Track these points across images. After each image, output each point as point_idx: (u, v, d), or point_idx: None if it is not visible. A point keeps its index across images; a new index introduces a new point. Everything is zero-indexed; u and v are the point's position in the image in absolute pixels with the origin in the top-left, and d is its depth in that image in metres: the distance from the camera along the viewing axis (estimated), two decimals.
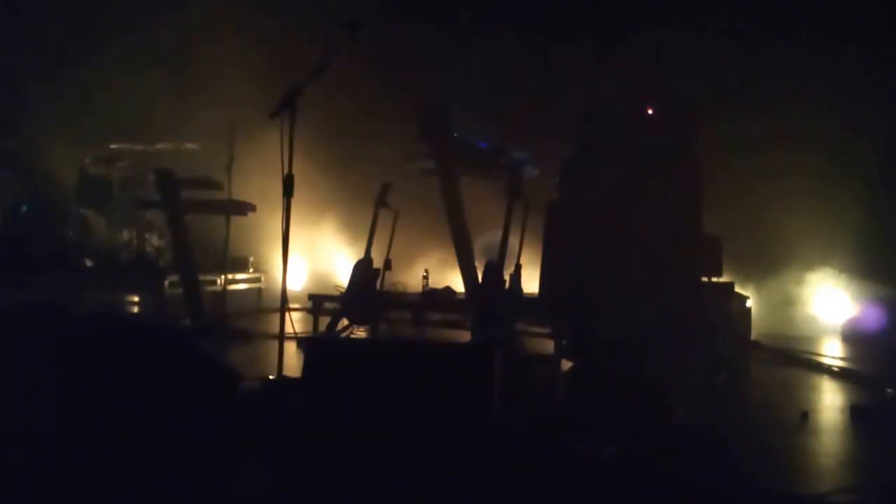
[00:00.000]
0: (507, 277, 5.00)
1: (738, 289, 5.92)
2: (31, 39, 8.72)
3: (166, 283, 6.90)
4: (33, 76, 8.64)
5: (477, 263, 6.66)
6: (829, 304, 7.38)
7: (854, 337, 6.95)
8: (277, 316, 3.78)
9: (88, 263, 7.67)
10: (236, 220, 7.03)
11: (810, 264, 7.48)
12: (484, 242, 7.02)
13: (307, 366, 2.88)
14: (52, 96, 8.49)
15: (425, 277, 7.09)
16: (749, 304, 6.31)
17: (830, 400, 4.47)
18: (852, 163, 7.21)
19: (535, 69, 7.92)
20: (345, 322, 5.70)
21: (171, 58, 8.51)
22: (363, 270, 5.67)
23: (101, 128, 8.60)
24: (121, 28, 8.68)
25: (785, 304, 7.47)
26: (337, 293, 6.27)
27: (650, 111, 5.12)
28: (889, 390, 4.32)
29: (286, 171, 3.62)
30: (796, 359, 5.70)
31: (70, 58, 8.72)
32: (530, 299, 5.60)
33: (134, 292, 7.90)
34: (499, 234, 5.10)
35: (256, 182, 6.74)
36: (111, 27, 8.71)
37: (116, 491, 2.54)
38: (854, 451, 3.27)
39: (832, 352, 6.16)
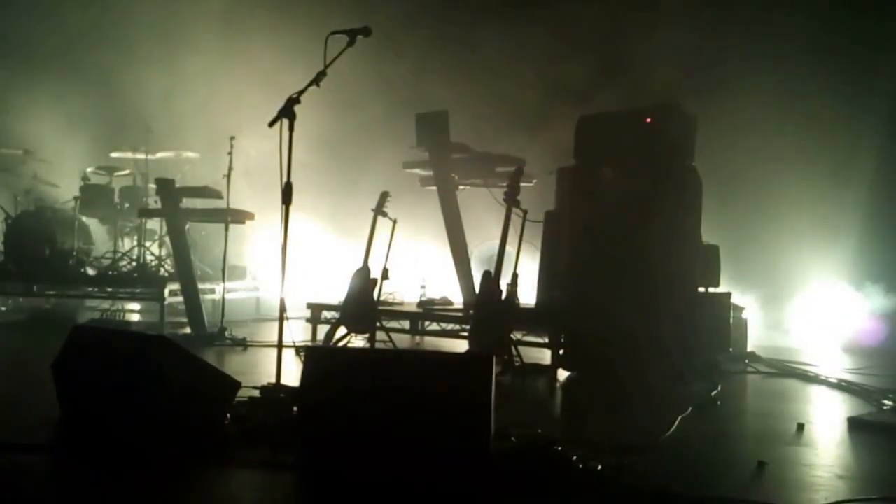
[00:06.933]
0: (504, 287, 5.01)
1: (735, 299, 5.94)
2: (35, 47, 8.78)
3: (167, 291, 6.93)
4: (37, 84, 8.70)
5: (474, 272, 6.69)
6: (828, 316, 7.38)
7: (853, 348, 6.96)
8: (275, 324, 3.79)
9: (90, 272, 7.69)
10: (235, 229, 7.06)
11: (810, 275, 7.49)
12: (481, 251, 7.05)
13: (305, 374, 2.88)
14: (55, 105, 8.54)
15: (423, 287, 7.10)
16: (745, 314, 6.33)
17: (828, 412, 4.46)
18: (853, 173, 7.24)
19: (535, 75, 7.96)
20: (342, 331, 5.70)
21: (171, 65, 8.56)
22: (361, 279, 5.68)
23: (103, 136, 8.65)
24: (123, 36, 8.73)
25: (783, 315, 7.48)
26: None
27: (648, 120, 5.13)
28: (887, 402, 4.32)
29: (285, 180, 3.64)
30: (793, 370, 5.69)
31: (73, 66, 8.78)
32: (528, 309, 5.61)
33: (135, 300, 7.92)
34: (496, 243, 5.11)
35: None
36: (113, 35, 8.76)
37: (117, 497, 2.55)
38: (851, 463, 3.27)
39: (830, 363, 6.15)
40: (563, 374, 5.22)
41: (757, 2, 7.52)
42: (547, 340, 5.47)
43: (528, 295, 5.50)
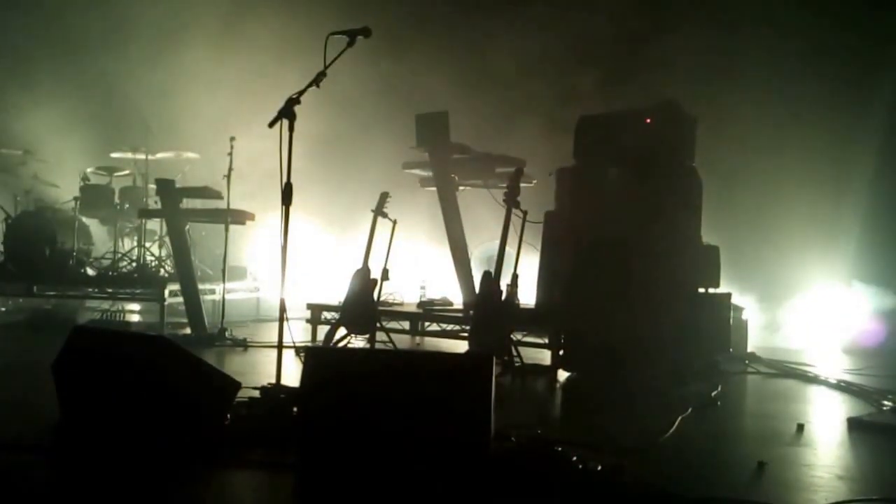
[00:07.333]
0: (504, 287, 5.01)
1: (735, 299, 5.94)
2: (35, 47, 8.79)
3: (167, 291, 6.93)
4: (37, 85, 8.71)
5: (474, 273, 6.69)
6: (827, 316, 7.38)
7: (853, 349, 6.96)
8: (276, 325, 3.80)
9: (90, 272, 7.69)
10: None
11: (810, 275, 7.49)
12: (481, 252, 7.05)
13: (305, 375, 2.88)
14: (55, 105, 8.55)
15: (423, 287, 7.10)
16: (745, 315, 6.33)
17: (827, 412, 4.46)
18: (852, 173, 7.25)
19: (535, 75, 7.97)
20: (342, 331, 5.71)
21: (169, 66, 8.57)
22: (361, 280, 5.68)
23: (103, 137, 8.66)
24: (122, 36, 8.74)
25: (783, 315, 7.48)
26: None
27: (648, 121, 5.14)
28: (887, 403, 4.32)
29: (285, 180, 3.64)
30: (793, 370, 5.69)
31: (72, 67, 8.79)
32: (528, 309, 5.60)
33: (135, 301, 7.93)
34: (496, 244, 5.11)
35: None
36: (113, 35, 8.77)
37: (117, 497, 2.55)
38: (850, 463, 3.27)
39: (830, 364, 6.15)
40: (563, 375, 5.22)
41: (757, 1, 7.52)
42: (547, 341, 5.48)
43: (527, 295, 5.50)
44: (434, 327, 6.51)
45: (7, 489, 2.55)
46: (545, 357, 5.41)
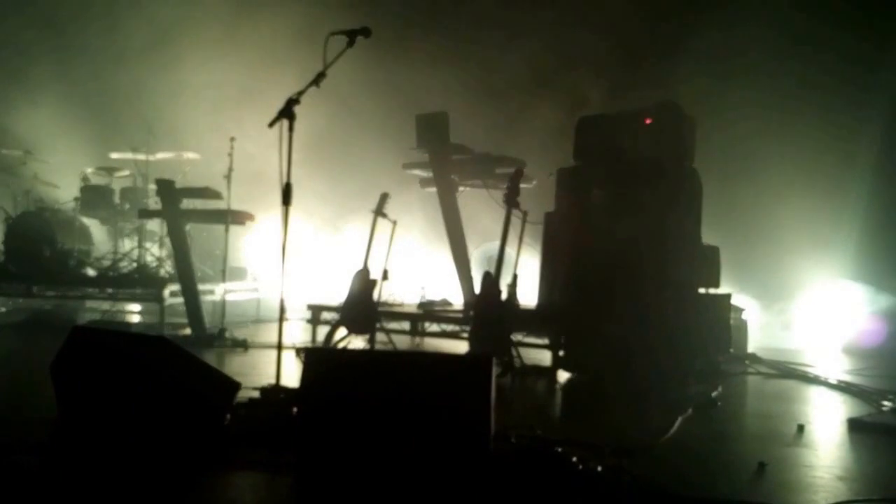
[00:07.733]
0: (504, 288, 5.01)
1: (735, 300, 5.94)
2: (36, 47, 8.80)
3: (167, 292, 6.93)
4: (37, 85, 8.72)
5: (474, 274, 6.69)
6: (828, 317, 7.38)
7: (853, 349, 6.96)
8: (275, 326, 3.79)
9: (90, 273, 7.69)
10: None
11: (810, 276, 7.49)
12: (481, 252, 7.04)
13: (305, 375, 2.88)
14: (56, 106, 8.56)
15: (423, 288, 7.10)
16: (745, 316, 6.33)
17: (828, 413, 4.46)
18: (852, 173, 7.25)
19: (534, 78, 7.97)
20: (342, 332, 5.70)
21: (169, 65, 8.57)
22: (361, 281, 5.68)
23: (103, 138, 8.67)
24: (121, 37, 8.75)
25: (783, 316, 7.48)
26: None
27: (648, 121, 5.14)
28: (887, 404, 4.32)
29: (285, 181, 3.64)
30: (793, 371, 5.69)
31: (72, 68, 8.80)
32: (528, 310, 5.60)
33: (135, 301, 7.93)
34: (496, 245, 5.11)
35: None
36: (114, 36, 8.78)
37: (116, 499, 2.55)
38: (851, 464, 3.27)
39: (830, 364, 6.15)
40: (563, 375, 5.22)
41: (757, 2, 7.52)
42: (547, 342, 5.47)
43: (527, 296, 5.50)
44: (434, 328, 6.51)
45: (5, 490, 2.55)
46: (545, 358, 5.40)
